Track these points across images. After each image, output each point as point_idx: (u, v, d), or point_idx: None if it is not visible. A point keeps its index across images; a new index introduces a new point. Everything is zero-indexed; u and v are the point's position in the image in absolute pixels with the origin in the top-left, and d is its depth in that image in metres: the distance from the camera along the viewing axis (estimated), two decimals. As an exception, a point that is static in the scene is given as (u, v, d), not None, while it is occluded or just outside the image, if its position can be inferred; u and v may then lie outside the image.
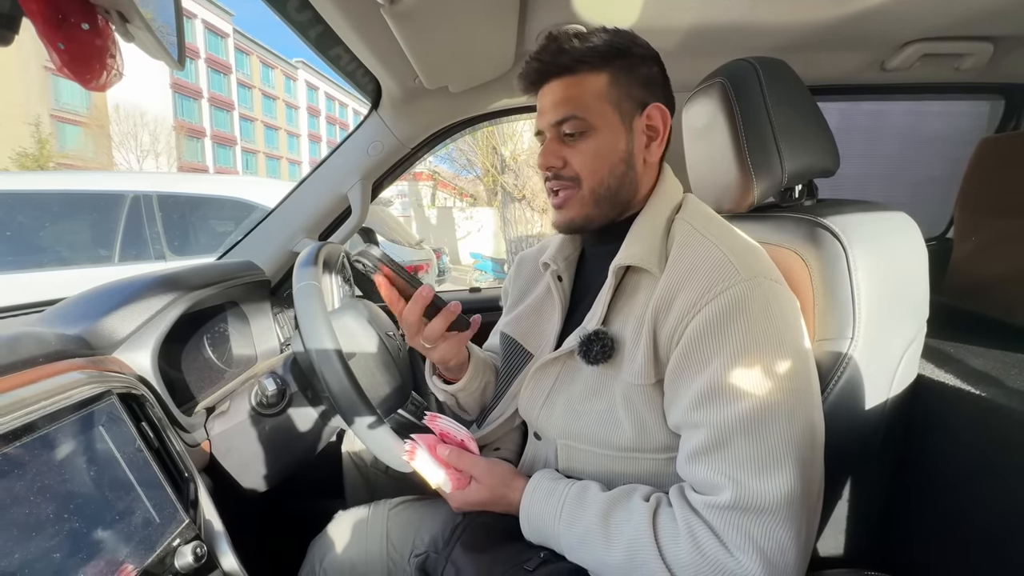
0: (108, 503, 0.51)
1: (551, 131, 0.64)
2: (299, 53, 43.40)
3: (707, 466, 0.51)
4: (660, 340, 0.56)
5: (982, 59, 1.05)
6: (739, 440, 0.50)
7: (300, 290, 0.69)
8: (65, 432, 0.51)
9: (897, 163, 2.89)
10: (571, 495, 0.59)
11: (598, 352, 0.59)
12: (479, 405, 0.79)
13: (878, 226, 0.64)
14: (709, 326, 0.53)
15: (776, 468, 0.49)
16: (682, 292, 0.55)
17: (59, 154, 21.11)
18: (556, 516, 0.58)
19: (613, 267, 0.61)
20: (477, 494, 0.64)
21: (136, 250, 2.86)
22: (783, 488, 0.48)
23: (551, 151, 0.64)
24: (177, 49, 0.56)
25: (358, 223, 1.25)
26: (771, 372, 0.51)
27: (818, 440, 0.53)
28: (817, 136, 0.70)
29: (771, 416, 0.50)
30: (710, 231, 0.60)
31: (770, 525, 0.48)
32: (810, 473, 0.50)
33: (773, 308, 0.53)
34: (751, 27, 0.94)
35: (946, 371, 0.65)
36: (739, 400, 0.50)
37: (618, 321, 0.61)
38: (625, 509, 0.55)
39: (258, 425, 0.79)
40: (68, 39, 0.42)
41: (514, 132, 5.79)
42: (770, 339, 0.52)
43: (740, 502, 0.49)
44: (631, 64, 0.62)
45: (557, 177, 0.65)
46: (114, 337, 0.71)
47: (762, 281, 0.54)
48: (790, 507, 0.48)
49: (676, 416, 0.55)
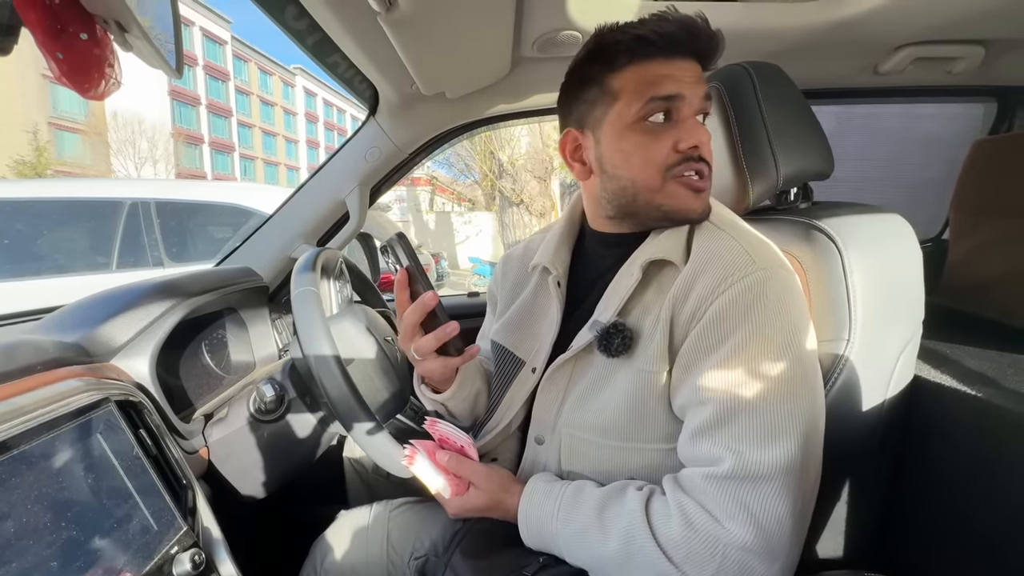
0: (106, 511, 0.51)
1: (698, 104, 0.59)
2: (297, 60, 43.65)
3: (710, 441, 0.52)
4: (676, 327, 0.57)
5: (974, 62, 1.06)
6: (744, 416, 0.51)
7: (298, 296, 0.69)
8: (63, 440, 0.50)
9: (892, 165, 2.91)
10: (567, 494, 0.59)
11: (619, 344, 0.59)
12: (471, 414, 0.78)
13: (873, 228, 0.64)
14: (726, 311, 0.54)
15: (777, 440, 0.50)
16: (700, 279, 0.56)
17: (57, 162, 21.12)
18: (553, 515, 0.59)
19: (640, 261, 0.61)
20: (476, 500, 0.64)
21: (134, 257, 2.85)
22: (782, 458, 0.49)
23: (701, 127, 0.60)
24: (175, 57, 0.56)
25: (356, 229, 1.25)
26: (782, 355, 0.52)
27: (820, 426, 0.54)
28: (812, 139, 0.71)
29: (777, 395, 0.51)
30: (728, 226, 0.61)
31: (766, 493, 0.49)
32: (810, 452, 0.51)
33: (787, 296, 0.55)
34: (745, 32, 0.95)
35: (943, 372, 0.65)
36: (747, 380, 0.52)
37: (635, 313, 0.61)
38: (619, 501, 0.56)
39: (256, 432, 0.79)
40: (67, 49, 0.42)
41: (511, 137, 5.81)
42: (784, 324, 0.53)
43: (738, 471, 0.50)
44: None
45: (702, 159, 0.60)
46: (112, 344, 0.71)
47: (778, 270, 0.56)
48: (788, 476, 0.49)
49: (683, 396, 0.56)
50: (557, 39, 0.94)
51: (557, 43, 0.95)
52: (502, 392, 0.74)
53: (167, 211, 2.97)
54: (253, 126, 37.31)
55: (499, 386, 0.76)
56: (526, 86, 1.13)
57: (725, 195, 0.74)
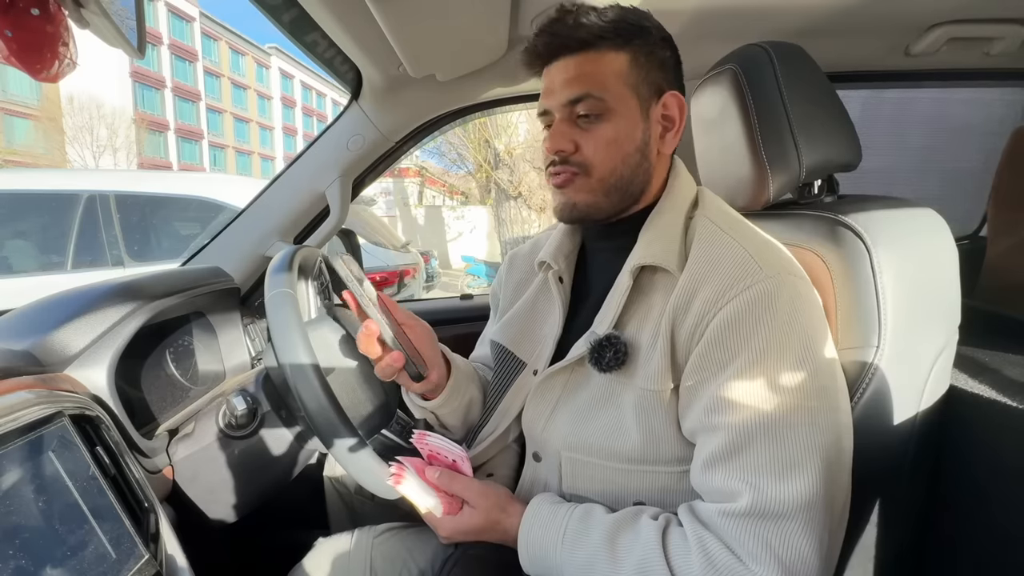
0: (58, 537, 0.50)
1: (562, 111, 0.64)
2: (272, 38, 43.61)
3: (724, 472, 0.52)
4: (678, 340, 0.57)
5: (1014, 43, 1.06)
6: (759, 444, 0.51)
7: (273, 298, 0.69)
8: (11, 458, 0.50)
9: (924, 156, 2.92)
10: (574, 518, 0.59)
11: (611, 359, 0.59)
12: (464, 425, 0.78)
13: (904, 224, 0.64)
14: (731, 324, 0.54)
15: (798, 472, 0.50)
16: (702, 289, 0.56)
17: (6, 150, 21.06)
18: (558, 542, 0.58)
19: (630, 267, 0.62)
20: (470, 520, 0.64)
21: (91, 256, 2.84)
22: (804, 493, 0.49)
23: (562, 133, 0.63)
24: (137, 35, 0.56)
25: (337, 224, 1.25)
26: (796, 372, 0.52)
27: (845, 445, 0.54)
28: (837, 127, 0.71)
29: (794, 419, 0.51)
30: (732, 228, 0.61)
31: (789, 532, 0.49)
32: (835, 479, 0.51)
33: (799, 306, 0.55)
34: (764, 9, 0.95)
35: (981, 381, 0.65)
36: (761, 402, 0.51)
37: (632, 324, 0.62)
38: (632, 530, 0.56)
39: (226, 449, 0.79)
40: (16, 26, 0.42)
41: (508, 124, 5.82)
42: (796, 338, 0.53)
43: (757, 508, 0.49)
44: (649, 46, 0.63)
45: (565, 162, 0.64)
46: (66, 352, 0.71)
47: (787, 277, 0.55)
48: (810, 512, 0.49)
49: (692, 420, 0.56)
50: (558, 16, 0.94)
51: (558, 21, 0.95)
52: (499, 396, 0.75)
53: (128, 205, 2.96)
54: (224, 111, 37.28)
55: (496, 390, 0.76)
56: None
57: (742, 188, 0.74)
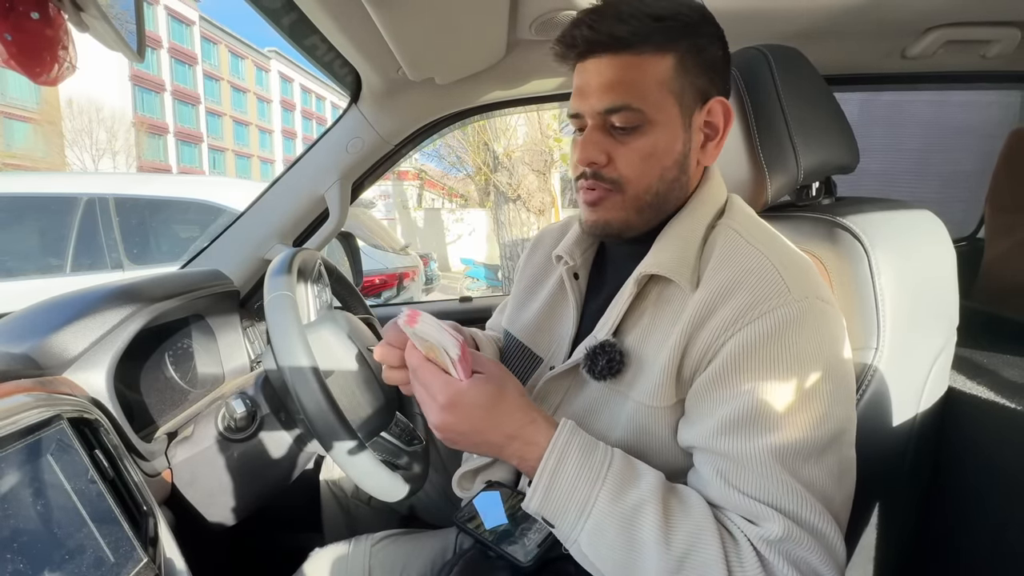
0: (57, 540, 0.50)
1: (596, 119, 0.58)
2: (272, 42, 43.64)
3: (734, 502, 0.51)
4: (688, 357, 0.54)
5: (1010, 45, 1.07)
6: (767, 473, 0.49)
7: (272, 301, 0.69)
8: (9, 461, 0.50)
9: (922, 158, 2.93)
10: (617, 457, 0.53)
11: (603, 367, 0.57)
12: None
13: (902, 226, 0.65)
14: (752, 347, 0.51)
15: (803, 511, 0.48)
16: (723, 306, 0.53)
17: (5, 154, 21.02)
18: (598, 480, 0.50)
19: (636, 275, 0.58)
20: (482, 395, 0.52)
21: (90, 259, 2.84)
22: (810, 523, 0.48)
23: (594, 143, 0.58)
24: (136, 39, 0.56)
25: (336, 227, 1.25)
26: (815, 405, 0.50)
27: (849, 478, 0.52)
28: (834, 129, 0.71)
29: (808, 453, 0.49)
30: (758, 239, 0.57)
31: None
32: (839, 514, 0.50)
33: (824, 335, 0.52)
34: (761, 12, 0.96)
35: (979, 383, 0.66)
36: (774, 432, 0.49)
37: (635, 333, 0.59)
38: (676, 496, 0.52)
39: (225, 452, 0.78)
40: (16, 29, 0.42)
41: (507, 127, 5.82)
42: (818, 368, 0.50)
43: (758, 539, 0.48)
44: (699, 45, 0.57)
45: (597, 176, 0.59)
46: (65, 355, 0.71)
47: (814, 302, 0.52)
48: (817, 535, 0.48)
49: (694, 436, 0.54)
50: (557, 20, 0.94)
51: (557, 24, 0.95)
52: None
53: (127, 208, 2.95)
54: (223, 114, 37.27)
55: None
56: (523, 71, 1.14)
57: (740, 190, 0.74)
